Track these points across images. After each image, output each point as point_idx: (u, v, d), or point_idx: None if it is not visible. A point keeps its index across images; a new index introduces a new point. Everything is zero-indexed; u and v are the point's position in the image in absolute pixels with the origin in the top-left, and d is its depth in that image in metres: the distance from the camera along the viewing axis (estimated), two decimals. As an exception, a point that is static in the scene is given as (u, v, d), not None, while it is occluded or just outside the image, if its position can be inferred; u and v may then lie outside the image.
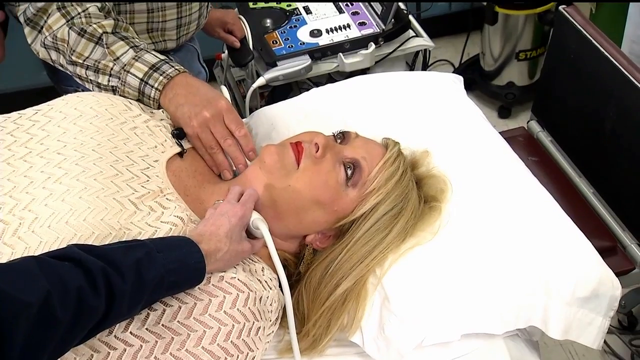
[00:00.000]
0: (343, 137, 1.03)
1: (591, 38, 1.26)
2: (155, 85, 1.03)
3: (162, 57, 1.06)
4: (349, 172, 0.97)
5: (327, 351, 0.97)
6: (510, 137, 1.36)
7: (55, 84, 1.34)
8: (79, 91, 1.26)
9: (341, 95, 1.29)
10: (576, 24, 1.30)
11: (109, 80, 1.05)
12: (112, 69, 1.04)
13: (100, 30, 1.04)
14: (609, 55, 1.21)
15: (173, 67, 1.05)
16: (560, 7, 1.35)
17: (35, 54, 1.11)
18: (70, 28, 1.04)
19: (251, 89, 1.47)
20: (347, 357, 0.98)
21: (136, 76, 1.03)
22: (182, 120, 1.03)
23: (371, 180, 0.98)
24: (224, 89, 1.14)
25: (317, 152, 0.96)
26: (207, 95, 1.03)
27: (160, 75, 1.03)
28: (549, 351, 1.75)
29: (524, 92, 2.45)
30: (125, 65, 1.04)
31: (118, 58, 1.04)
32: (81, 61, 1.05)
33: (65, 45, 1.05)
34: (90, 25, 1.04)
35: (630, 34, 1.73)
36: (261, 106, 1.57)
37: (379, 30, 1.57)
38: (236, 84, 1.73)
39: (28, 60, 1.44)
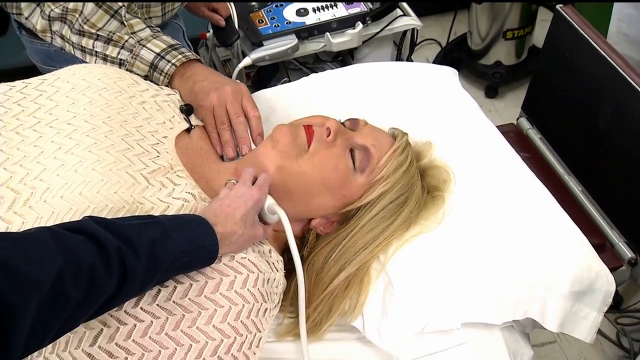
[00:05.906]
0: (352, 123, 1.03)
1: (587, 37, 1.25)
2: (173, 60, 1.06)
3: (180, 43, 1.09)
4: (359, 158, 0.97)
5: (326, 336, 0.96)
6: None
7: (36, 62, 1.31)
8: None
9: (339, 83, 1.29)
10: (572, 22, 1.29)
11: (119, 53, 1.06)
12: (126, 41, 1.06)
13: (116, 6, 1.06)
14: (605, 55, 1.21)
15: (192, 52, 1.08)
16: (558, 6, 1.34)
17: (32, 27, 1.13)
18: None
19: (237, 69, 1.44)
20: (346, 342, 0.97)
21: (152, 50, 1.06)
22: (201, 93, 1.03)
23: (380, 168, 0.98)
24: None
25: (328, 136, 0.96)
26: (226, 78, 1.07)
27: (180, 54, 1.06)
28: (536, 331, 1.75)
29: (511, 72, 2.44)
30: (142, 39, 1.06)
31: (135, 32, 1.07)
32: (93, 31, 1.06)
33: (77, 15, 1.06)
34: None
35: (619, 13, 1.72)
36: (248, 87, 1.54)
37: (366, 9, 1.54)
38: (222, 64, 1.70)
39: (5, 41, 1.41)
